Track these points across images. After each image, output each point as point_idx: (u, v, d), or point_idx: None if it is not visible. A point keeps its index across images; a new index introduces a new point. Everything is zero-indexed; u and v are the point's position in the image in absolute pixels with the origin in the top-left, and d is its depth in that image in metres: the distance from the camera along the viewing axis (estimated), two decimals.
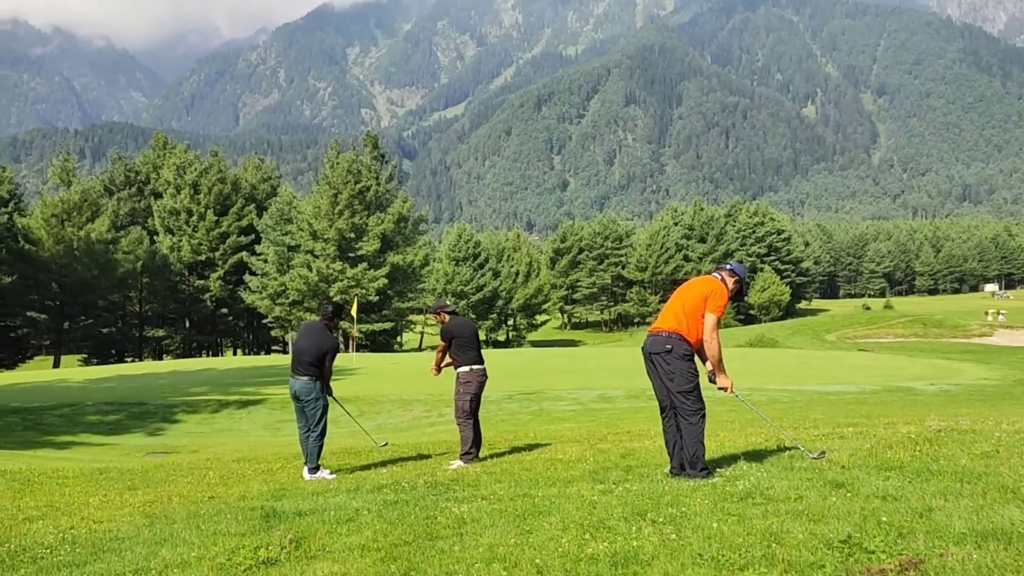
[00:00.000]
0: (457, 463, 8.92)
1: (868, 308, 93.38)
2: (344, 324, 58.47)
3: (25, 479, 9.25)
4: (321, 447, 8.86)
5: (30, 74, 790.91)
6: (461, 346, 9.12)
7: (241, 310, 71.94)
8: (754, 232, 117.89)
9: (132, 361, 67.79)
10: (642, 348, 6.72)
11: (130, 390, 22.64)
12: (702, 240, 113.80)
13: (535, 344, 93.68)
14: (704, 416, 6.42)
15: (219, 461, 10.62)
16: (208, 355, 74.42)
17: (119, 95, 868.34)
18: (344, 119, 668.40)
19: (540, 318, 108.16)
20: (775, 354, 33.00)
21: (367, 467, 9.56)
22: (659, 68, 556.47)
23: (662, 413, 6.72)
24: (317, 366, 8.86)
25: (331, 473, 8.88)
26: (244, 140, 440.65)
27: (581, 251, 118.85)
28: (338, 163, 63.28)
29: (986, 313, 66.35)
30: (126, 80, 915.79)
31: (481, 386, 9.29)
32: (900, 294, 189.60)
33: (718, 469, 6.62)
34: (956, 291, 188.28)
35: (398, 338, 77.01)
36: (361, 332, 62.68)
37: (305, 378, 8.87)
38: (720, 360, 6.60)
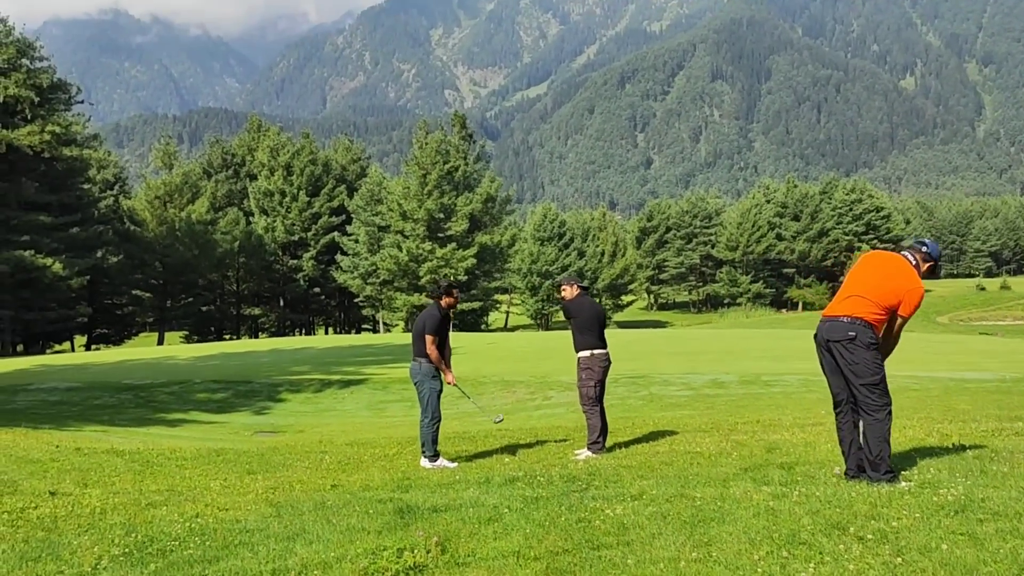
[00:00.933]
0: (585, 453, 8.42)
1: (983, 289, 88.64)
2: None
3: (145, 460, 9.17)
4: (434, 435, 8.47)
5: (131, 62, 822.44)
6: (580, 327, 8.62)
7: (333, 289, 73.19)
8: (851, 209, 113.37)
9: (231, 338, 69.86)
10: (815, 335, 6.02)
11: (235, 368, 22.95)
12: (796, 218, 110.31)
13: (620, 325, 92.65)
14: (891, 412, 5.72)
15: (332, 444, 10.40)
16: (302, 333, 76.08)
17: (214, 81, 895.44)
18: (428, 100, 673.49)
19: (626, 298, 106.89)
20: None
21: (485, 454, 9.16)
22: (747, 42, 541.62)
23: (836, 408, 6.06)
24: (420, 343, 8.53)
25: (451, 461, 8.49)
26: (331, 123, 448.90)
27: (668, 230, 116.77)
28: (427, 143, 63.38)
29: None
30: (220, 66, 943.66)
31: (605, 371, 8.76)
32: (1010, 274, 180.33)
33: (901, 472, 5.92)
34: None
35: (485, 317, 77.07)
36: None
37: (416, 360, 8.60)
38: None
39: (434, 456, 8.40)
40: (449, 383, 8.68)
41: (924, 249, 6.03)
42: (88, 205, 59.73)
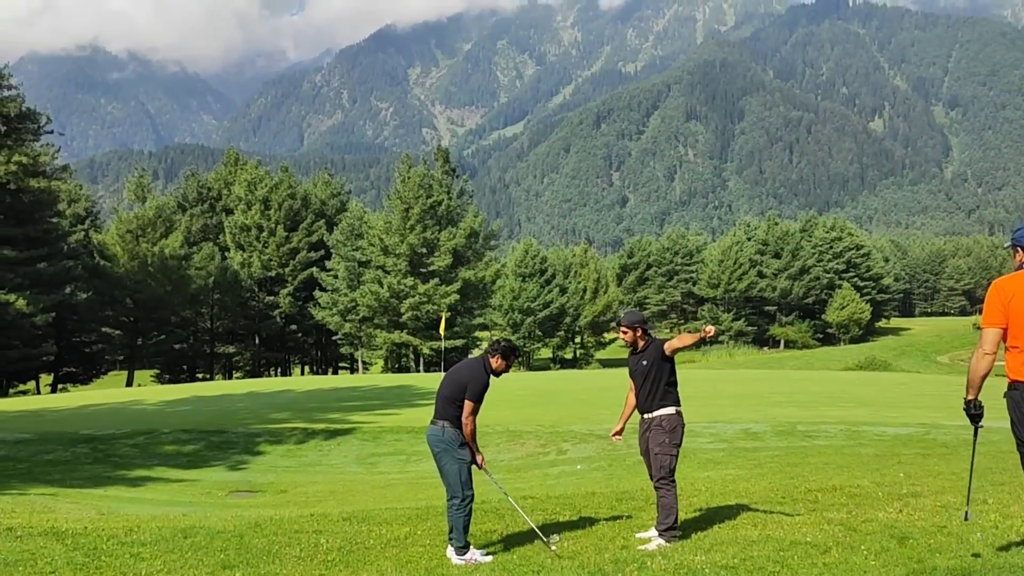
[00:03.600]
0: (657, 541, 6.65)
1: (979, 328, 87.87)
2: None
3: (92, 547, 7.27)
4: (467, 520, 6.63)
5: (107, 98, 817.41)
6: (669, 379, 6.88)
7: (310, 326, 70.95)
8: (831, 247, 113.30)
9: (204, 378, 67.26)
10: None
11: (208, 415, 20.92)
12: (777, 256, 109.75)
13: (604, 363, 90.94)
14: None
15: (326, 520, 8.53)
16: (278, 372, 73.60)
17: (191, 118, 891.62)
18: (405, 138, 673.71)
19: (608, 336, 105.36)
20: (906, 380, 29.88)
21: (521, 539, 7.36)
22: (720, 83, 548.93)
23: None
24: (451, 406, 6.69)
25: (485, 554, 6.66)
26: (309, 160, 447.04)
27: (649, 267, 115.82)
28: (409, 177, 61.85)
29: None
30: (197, 103, 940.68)
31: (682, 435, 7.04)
32: (981, 312, 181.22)
33: None
34: None
35: (468, 355, 75.16)
36: (432, 350, 60.94)
37: (437, 423, 6.78)
38: None
39: (464, 547, 6.58)
40: (478, 467, 6.85)
41: None
42: (57, 239, 57.34)
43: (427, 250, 61.01)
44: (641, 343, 6.95)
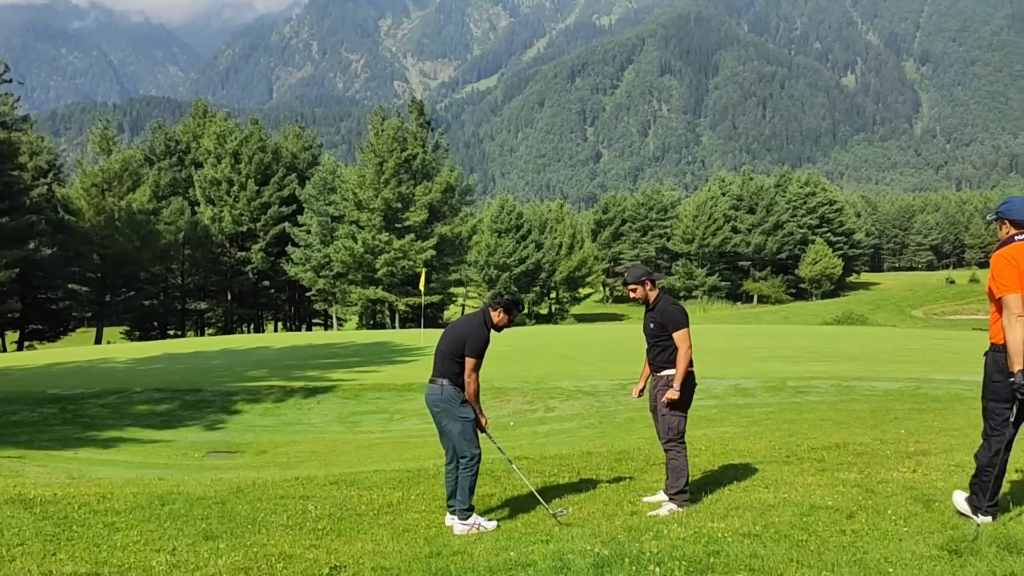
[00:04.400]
0: (668, 506, 6.31)
1: (952, 282, 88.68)
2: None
3: (62, 516, 6.79)
4: (473, 483, 6.20)
5: (68, 48, 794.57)
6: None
7: (283, 283, 70.07)
8: (805, 203, 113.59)
9: (175, 335, 66.35)
10: None
11: (181, 373, 20.36)
12: (751, 211, 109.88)
13: (578, 318, 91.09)
14: None
15: (312, 484, 8.11)
16: (250, 329, 72.80)
17: (156, 69, 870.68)
18: (377, 92, 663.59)
19: (583, 291, 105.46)
20: (887, 334, 29.82)
21: (522, 503, 6.99)
22: (695, 37, 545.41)
23: None
24: (451, 363, 6.22)
25: (490, 520, 6.27)
26: (278, 113, 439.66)
27: (624, 222, 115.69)
28: (383, 130, 60.65)
29: None
30: (162, 54, 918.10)
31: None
32: (947, 267, 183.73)
33: None
34: None
35: (443, 312, 74.73)
36: (408, 306, 60.42)
37: (436, 381, 6.30)
38: None
39: (468, 511, 6.17)
40: (481, 429, 6.40)
41: None
42: (18, 193, 55.69)
43: (402, 205, 60.12)
44: (652, 296, 6.54)
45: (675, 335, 6.39)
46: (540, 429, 12.87)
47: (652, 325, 6.52)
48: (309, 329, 75.33)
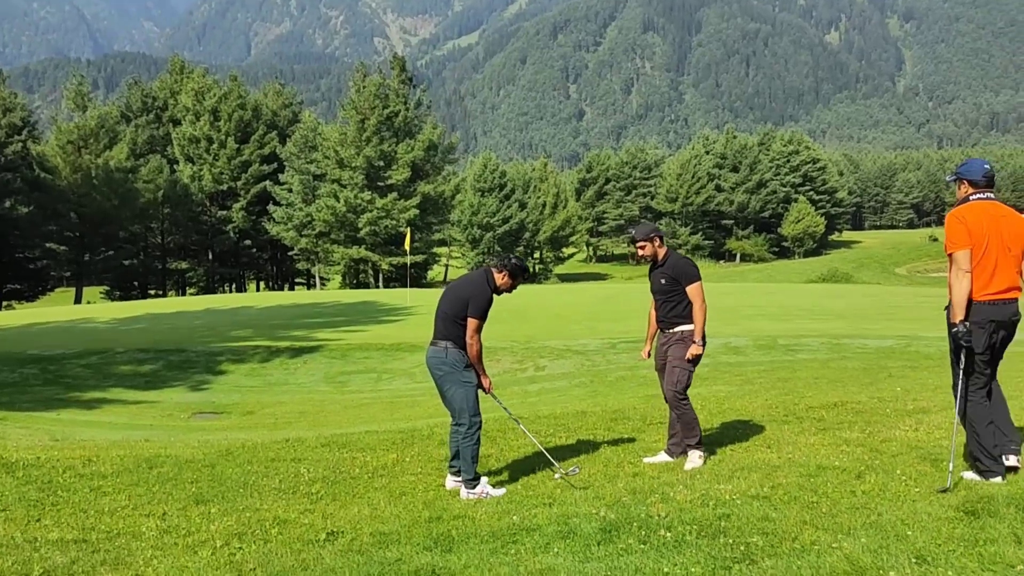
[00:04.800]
0: (695, 454, 6.30)
1: (935, 239, 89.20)
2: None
3: (46, 480, 6.59)
4: (475, 451, 5.98)
5: (40, 2, 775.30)
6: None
7: (265, 242, 69.46)
8: (788, 161, 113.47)
9: (156, 294, 65.77)
10: (993, 319, 5.07)
11: (165, 333, 20.07)
12: (735, 169, 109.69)
13: (562, 278, 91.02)
14: None
15: (304, 446, 7.94)
16: (232, 289, 72.27)
17: (130, 24, 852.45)
18: (357, 48, 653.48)
19: (567, 251, 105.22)
20: (874, 292, 29.92)
21: (523, 466, 6.86)
22: None
23: (986, 394, 5.18)
24: (453, 325, 5.98)
25: (498, 487, 6.07)
26: (256, 70, 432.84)
27: (608, 181, 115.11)
28: (365, 87, 59.74)
29: None
30: (136, 9, 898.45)
31: None
32: (928, 225, 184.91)
33: None
34: None
35: (427, 272, 74.43)
36: (392, 266, 60.09)
37: (438, 344, 6.03)
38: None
39: (474, 480, 5.96)
40: (484, 390, 6.19)
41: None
42: None
43: (384, 163, 59.48)
44: (661, 253, 6.37)
45: (689, 288, 6.28)
46: (531, 388, 12.75)
47: (663, 281, 6.38)
48: (292, 289, 74.89)
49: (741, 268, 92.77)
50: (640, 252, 6.42)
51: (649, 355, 6.79)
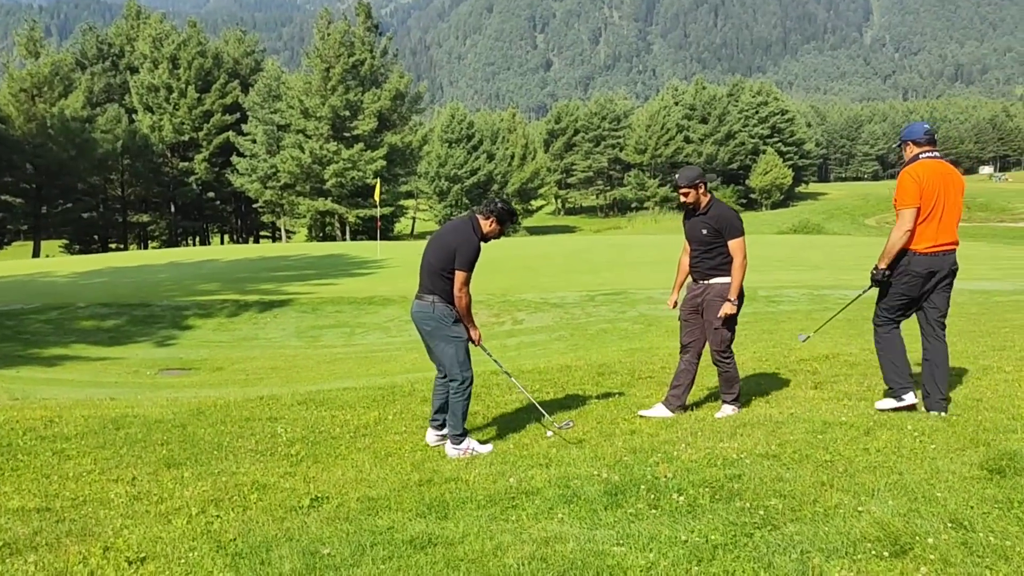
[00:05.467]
0: (729, 409, 6.23)
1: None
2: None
3: (5, 443, 6.19)
4: (465, 407, 5.69)
5: None
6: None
7: (229, 194, 68.09)
8: (757, 112, 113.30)
9: (117, 248, 64.37)
10: (933, 269, 5.47)
11: (127, 287, 19.44)
12: (704, 121, 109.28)
13: (531, 231, 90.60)
14: None
15: (279, 404, 7.57)
16: (196, 242, 70.98)
17: None
18: None
19: (535, 203, 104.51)
20: (848, 243, 29.88)
21: (511, 422, 6.57)
22: None
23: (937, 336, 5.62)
24: (439, 277, 5.60)
25: (484, 444, 5.81)
26: (216, 18, 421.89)
27: (576, 132, 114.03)
28: (329, 34, 58.18)
29: None
30: None
31: None
32: (893, 177, 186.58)
33: None
34: None
35: (394, 224, 73.57)
36: (359, 218, 59.27)
37: (424, 298, 5.66)
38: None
39: (461, 436, 5.69)
40: (474, 343, 5.83)
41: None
42: None
43: (350, 113, 58.24)
44: (704, 201, 6.04)
45: (732, 243, 5.97)
46: (509, 342, 12.46)
47: (705, 231, 6.03)
48: (257, 242, 73.75)
49: None
50: (684, 199, 6.08)
51: (676, 304, 6.47)
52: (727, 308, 5.98)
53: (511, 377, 6.45)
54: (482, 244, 5.70)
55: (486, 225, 5.67)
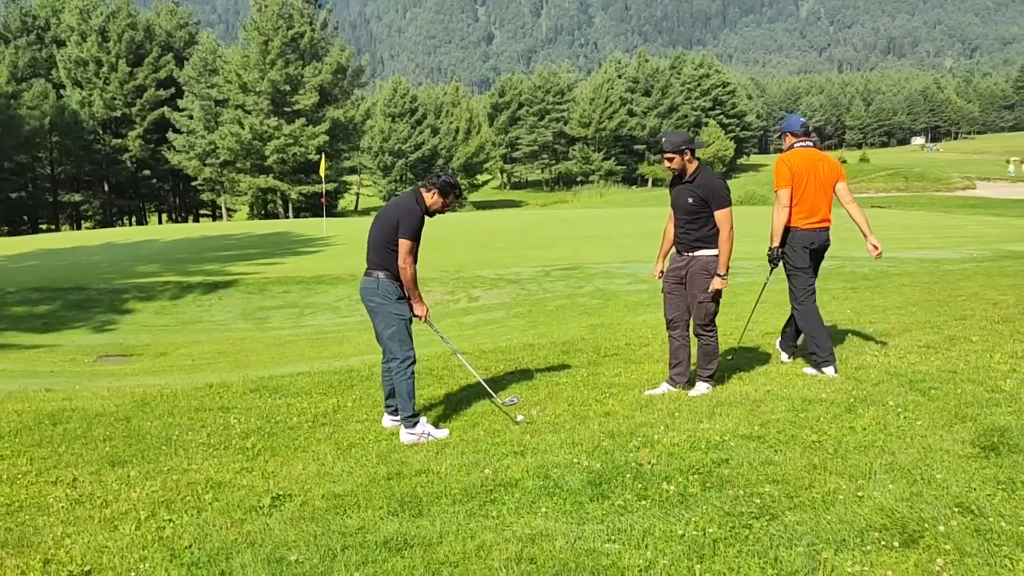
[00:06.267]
0: (703, 387, 6.04)
1: (844, 161, 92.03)
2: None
3: None
4: (410, 387, 5.47)
5: None
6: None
7: (166, 172, 66.08)
8: (699, 84, 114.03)
9: (49, 229, 62.12)
10: (810, 244, 6.22)
11: (61, 270, 18.59)
12: (647, 94, 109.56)
13: (477, 206, 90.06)
14: None
15: (230, 392, 7.17)
16: (132, 221, 68.89)
17: None
18: None
19: (481, 178, 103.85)
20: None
21: (472, 403, 6.30)
22: None
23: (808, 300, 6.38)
24: (386, 252, 5.44)
25: (441, 428, 5.56)
26: None
27: (521, 106, 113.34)
28: (267, 6, 56.53)
29: (1008, 162, 62.04)
30: None
31: None
32: (830, 148, 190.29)
33: None
34: (884, 144, 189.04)
35: (338, 200, 72.32)
36: (301, 195, 58.11)
37: (371, 274, 5.51)
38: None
39: (413, 418, 5.46)
40: (420, 319, 5.62)
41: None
42: None
43: (291, 87, 56.88)
44: (691, 168, 5.77)
45: (718, 213, 5.73)
46: (466, 320, 12.16)
47: (691, 200, 5.77)
48: (197, 220, 71.91)
49: (654, 193, 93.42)
50: (668, 164, 5.81)
51: (662, 274, 6.22)
52: (717, 283, 5.79)
53: (458, 353, 6.24)
54: (426, 217, 5.55)
55: (429, 197, 5.55)
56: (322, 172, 27.86)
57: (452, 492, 4.18)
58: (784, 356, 6.88)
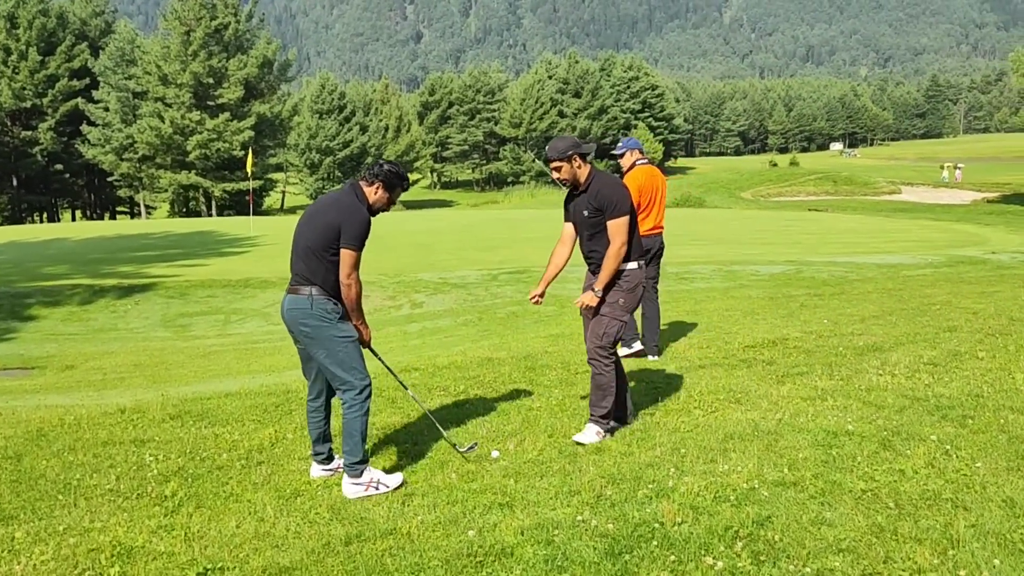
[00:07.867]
0: (594, 430, 4.97)
1: (775, 164, 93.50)
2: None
3: None
4: (364, 425, 4.40)
5: None
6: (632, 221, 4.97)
7: (79, 166, 62.96)
8: (629, 87, 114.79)
9: None
10: (648, 248, 6.88)
11: None
12: (577, 95, 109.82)
13: (408, 205, 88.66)
14: None
15: (146, 419, 6.13)
16: (43, 218, 65.49)
17: None
18: None
19: (411, 177, 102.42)
20: (734, 216, 29.94)
21: (428, 437, 5.39)
22: None
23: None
24: (319, 261, 4.31)
25: (392, 474, 4.52)
26: None
27: (451, 105, 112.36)
28: None
29: (942, 167, 62.79)
30: None
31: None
32: (753, 152, 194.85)
33: None
34: (805, 149, 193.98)
35: (264, 198, 70.16)
36: (225, 192, 56.01)
37: (300, 290, 4.36)
38: None
39: (360, 464, 4.38)
40: (363, 345, 4.57)
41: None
42: None
43: (214, 80, 54.76)
44: (583, 175, 4.93)
45: (610, 223, 4.83)
46: (410, 329, 11.23)
47: (586, 212, 4.92)
48: (113, 218, 68.79)
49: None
50: (555, 175, 4.94)
51: (541, 299, 5.34)
52: (587, 298, 4.92)
53: (408, 390, 5.18)
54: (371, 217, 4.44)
55: (371, 194, 4.44)
56: (249, 168, 26.44)
57: (431, 564, 3.31)
58: (651, 356, 7.31)
